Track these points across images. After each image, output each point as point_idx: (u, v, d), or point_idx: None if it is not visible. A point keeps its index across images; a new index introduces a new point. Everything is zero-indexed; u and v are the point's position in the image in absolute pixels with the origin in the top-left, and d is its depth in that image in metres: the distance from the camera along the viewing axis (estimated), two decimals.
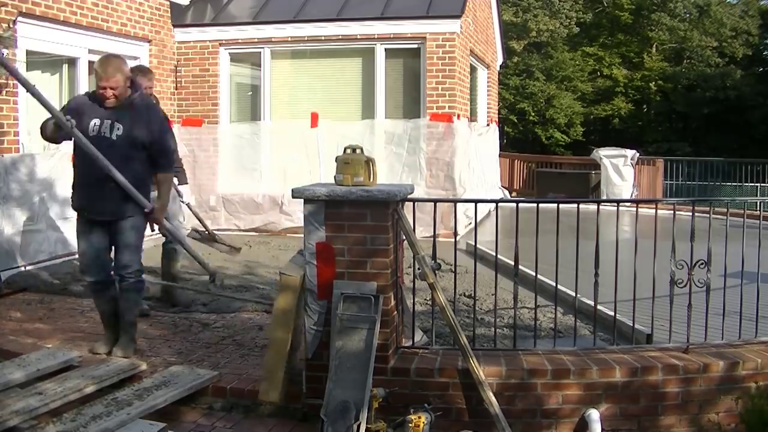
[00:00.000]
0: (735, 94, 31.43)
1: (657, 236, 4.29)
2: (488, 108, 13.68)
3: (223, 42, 10.27)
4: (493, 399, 3.90)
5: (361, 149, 4.24)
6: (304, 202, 4.09)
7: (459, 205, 8.59)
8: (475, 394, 3.97)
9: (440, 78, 9.67)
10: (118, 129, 4.59)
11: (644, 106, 34.63)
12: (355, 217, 4.03)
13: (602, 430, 3.98)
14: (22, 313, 5.89)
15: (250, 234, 9.83)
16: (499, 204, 7.22)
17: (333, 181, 4.20)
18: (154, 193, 4.86)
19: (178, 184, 6.15)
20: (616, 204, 4.71)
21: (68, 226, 7.91)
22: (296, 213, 9.41)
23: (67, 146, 7.94)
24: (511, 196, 14.72)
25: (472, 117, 11.73)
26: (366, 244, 4.02)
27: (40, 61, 8.17)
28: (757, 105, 31.14)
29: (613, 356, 4.25)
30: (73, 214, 8.14)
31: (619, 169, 13.92)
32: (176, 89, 10.30)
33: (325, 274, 4.06)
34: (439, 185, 9.63)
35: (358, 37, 9.91)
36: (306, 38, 10.07)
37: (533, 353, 4.34)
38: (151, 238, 9.35)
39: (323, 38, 10.00)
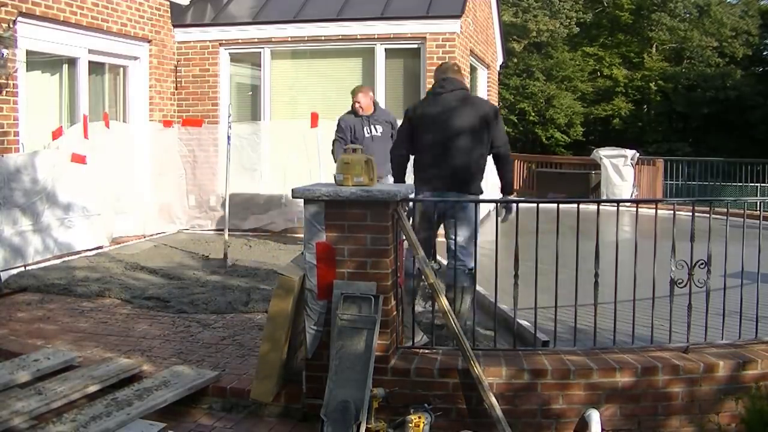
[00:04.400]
0: (735, 94, 31.46)
1: (657, 236, 4.29)
2: None
3: (223, 42, 10.27)
4: (494, 400, 3.90)
5: (361, 149, 4.25)
6: (305, 203, 4.09)
7: None
8: (475, 394, 3.97)
9: None
10: None
11: (644, 106, 34.63)
12: (356, 218, 4.02)
13: (602, 430, 3.98)
14: (23, 313, 5.89)
15: (250, 234, 9.83)
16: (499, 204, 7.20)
17: (333, 181, 4.21)
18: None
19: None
20: (616, 204, 4.71)
21: (68, 227, 7.92)
22: (296, 213, 9.41)
23: (67, 146, 8.01)
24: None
25: None
26: (366, 245, 4.02)
27: (40, 61, 8.17)
28: (757, 105, 31.16)
29: (613, 356, 4.25)
30: (71, 215, 8.12)
31: (619, 169, 13.90)
32: (176, 89, 10.30)
33: (326, 274, 4.06)
34: None
35: (358, 37, 9.91)
36: (306, 38, 10.07)
37: (533, 353, 4.34)
38: (151, 239, 9.41)
39: (323, 38, 10.00)
